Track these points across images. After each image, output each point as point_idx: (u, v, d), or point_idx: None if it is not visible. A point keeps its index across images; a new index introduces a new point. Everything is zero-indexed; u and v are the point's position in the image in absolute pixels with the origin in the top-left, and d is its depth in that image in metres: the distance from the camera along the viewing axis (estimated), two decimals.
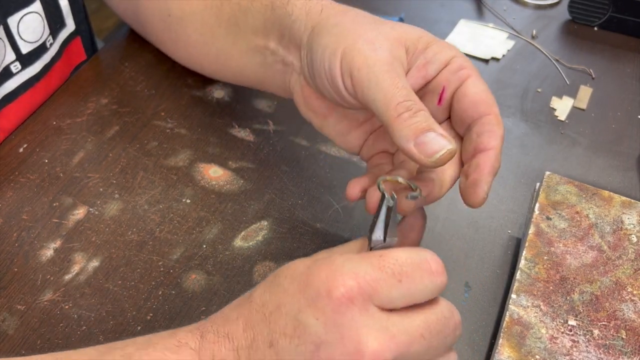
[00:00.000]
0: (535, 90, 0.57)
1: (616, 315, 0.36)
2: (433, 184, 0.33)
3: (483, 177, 0.32)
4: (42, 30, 0.49)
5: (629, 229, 0.40)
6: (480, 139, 0.33)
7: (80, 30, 0.56)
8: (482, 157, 0.32)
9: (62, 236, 0.42)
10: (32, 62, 0.50)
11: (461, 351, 0.38)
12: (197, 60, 0.50)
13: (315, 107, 0.39)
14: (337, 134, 0.40)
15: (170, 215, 0.44)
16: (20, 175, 0.46)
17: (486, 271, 0.42)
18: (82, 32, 0.57)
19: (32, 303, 0.39)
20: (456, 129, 0.35)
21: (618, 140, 0.52)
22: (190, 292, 0.40)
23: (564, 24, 0.65)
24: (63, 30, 0.53)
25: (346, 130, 0.39)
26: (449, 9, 0.67)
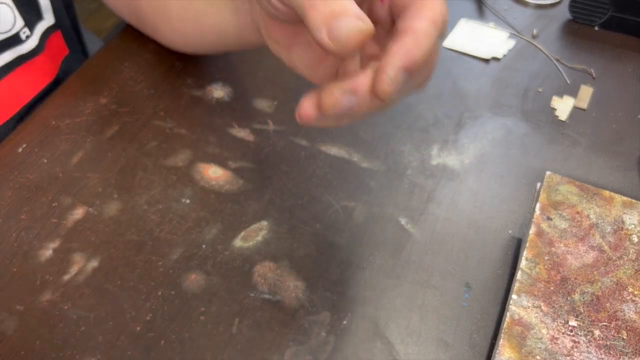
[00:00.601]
0: (535, 90, 0.57)
1: (617, 315, 0.36)
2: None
3: (386, 62, 0.27)
4: (14, 20, 0.50)
5: (630, 229, 0.40)
6: (400, 21, 0.28)
7: (61, 24, 0.56)
8: (394, 40, 0.27)
9: (61, 236, 0.42)
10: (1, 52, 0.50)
11: (462, 351, 0.38)
12: (180, 30, 0.50)
13: (278, 38, 0.37)
14: (306, 68, 0.36)
15: (170, 215, 0.44)
16: (20, 175, 0.46)
17: (487, 271, 0.42)
18: (62, 25, 0.57)
19: (31, 303, 0.39)
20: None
21: (619, 140, 0.52)
22: (189, 293, 0.40)
23: (564, 24, 0.65)
24: (41, 23, 0.54)
25: (314, 62, 0.36)
26: (450, 9, 0.66)
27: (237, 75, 0.56)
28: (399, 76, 0.27)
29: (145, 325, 0.38)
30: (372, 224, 0.45)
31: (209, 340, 0.38)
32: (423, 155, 0.50)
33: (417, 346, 0.38)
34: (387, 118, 0.53)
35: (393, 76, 0.26)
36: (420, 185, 0.48)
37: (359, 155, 0.50)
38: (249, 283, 0.41)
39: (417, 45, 0.27)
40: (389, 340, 0.38)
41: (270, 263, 0.42)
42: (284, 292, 0.40)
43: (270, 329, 0.38)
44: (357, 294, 0.40)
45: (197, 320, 0.38)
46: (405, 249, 0.43)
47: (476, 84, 0.57)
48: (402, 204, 0.46)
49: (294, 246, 0.43)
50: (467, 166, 0.49)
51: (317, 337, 0.38)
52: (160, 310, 0.39)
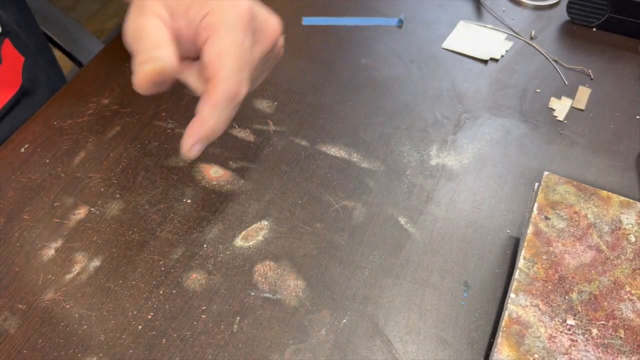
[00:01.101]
0: (534, 90, 0.57)
1: (615, 314, 0.36)
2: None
3: (186, 135, 0.34)
4: None
5: (627, 228, 0.40)
6: (199, 102, 0.34)
7: (8, 31, 0.55)
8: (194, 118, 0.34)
9: (63, 236, 0.43)
10: None
11: (460, 350, 0.38)
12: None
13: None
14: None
15: (171, 215, 0.44)
16: (22, 175, 0.46)
17: (485, 271, 0.42)
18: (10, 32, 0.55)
19: (34, 302, 0.39)
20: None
21: (617, 140, 0.52)
22: (190, 292, 0.40)
23: (562, 25, 0.65)
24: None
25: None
26: (448, 10, 0.67)
27: None
28: (196, 146, 0.35)
29: (147, 324, 0.38)
30: (372, 224, 0.45)
31: (210, 339, 0.38)
32: (422, 155, 0.50)
33: (416, 344, 0.38)
34: (386, 118, 0.53)
35: (188, 148, 0.35)
36: (420, 185, 0.48)
37: (358, 155, 0.50)
38: (249, 282, 0.41)
39: (202, 126, 0.34)
40: (388, 338, 0.39)
41: (271, 262, 0.42)
42: (284, 291, 0.41)
43: (270, 327, 0.39)
44: (356, 293, 0.41)
45: (199, 319, 0.39)
46: (404, 248, 0.43)
47: (475, 85, 0.57)
48: (402, 204, 0.46)
49: (294, 245, 0.43)
50: (465, 166, 0.50)
51: (317, 335, 0.38)
52: (162, 309, 0.39)
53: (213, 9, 0.34)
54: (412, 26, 0.64)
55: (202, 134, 0.34)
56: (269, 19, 0.37)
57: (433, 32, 0.64)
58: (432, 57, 0.60)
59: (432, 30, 0.64)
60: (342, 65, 0.59)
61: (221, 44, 0.33)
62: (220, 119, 0.34)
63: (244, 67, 0.34)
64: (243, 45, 0.34)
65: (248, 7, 0.34)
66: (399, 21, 0.64)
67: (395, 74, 0.58)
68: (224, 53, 0.33)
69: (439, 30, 0.64)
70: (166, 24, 0.35)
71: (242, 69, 0.34)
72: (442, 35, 0.63)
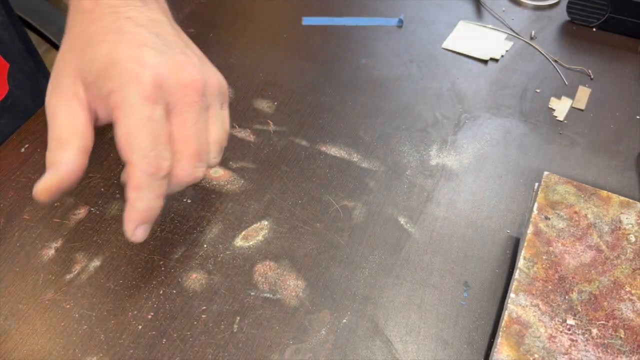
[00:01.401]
0: (534, 90, 0.57)
1: (614, 314, 0.36)
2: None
3: (125, 220, 0.33)
4: None
5: (627, 228, 0.40)
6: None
7: None
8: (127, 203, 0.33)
9: (63, 236, 0.43)
10: None
11: (460, 350, 0.38)
12: None
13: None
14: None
15: (171, 214, 0.44)
16: (22, 175, 0.46)
17: (485, 271, 0.42)
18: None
19: (34, 302, 0.39)
20: None
21: (617, 140, 0.52)
22: (191, 292, 0.40)
23: (562, 25, 0.65)
24: None
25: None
26: (448, 10, 0.67)
27: (237, 76, 0.57)
28: (138, 229, 0.33)
29: (147, 324, 0.38)
30: (372, 224, 0.45)
31: (210, 339, 0.38)
32: (422, 155, 0.50)
33: (416, 344, 0.38)
34: (386, 119, 0.53)
35: (131, 233, 0.33)
36: (420, 185, 0.48)
37: (359, 155, 0.50)
38: (249, 282, 0.41)
39: (134, 210, 0.33)
40: (388, 338, 0.39)
41: (271, 262, 0.42)
42: (284, 291, 0.41)
43: (270, 327, 0.39)
44: (356, 293, 0.41)
45: (199, 319, 0.39)
46: (404, 248, 0.44)
47: (475, 85, 0.57)
48: (402, 204, 0.46)
49: (294, 245, 0.43)
50: (465, 166, 0.50)
51: (317, 335, 0.38)
52: (162, 308, 0.39)
53: (114, 87, 0.32)
54: (412, 26, 0.64)
55: (137, 217, 0.33)
56: (180, 76, 0.33)
57: (433, 32, 0.64)
58: (432, 57, 0.60)
59: (432, 30, 0.64)
60: (342, 65, 0.59)
61: (127, 124, 0.32)
62: (149, 200, 0.33)
63: (157, 141, 0.32)
64: (152, 118, 0.32)
65: (152, 76, 0.32)
66: (399, 21, 0.64)
67: (395, 74, 0.58)
68: (131, 133, 0.32)
69: (439, 30, 0.64)
70: (82, 105, 0.33)
71: (156, 143, 0.32)
72: (442, 35, 0.63)
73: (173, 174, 0.34)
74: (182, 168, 0.34)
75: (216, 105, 0.36)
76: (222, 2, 0.66)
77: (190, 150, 0.34)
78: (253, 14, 0.65)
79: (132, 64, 0.32)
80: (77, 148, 0.33)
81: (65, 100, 0.33)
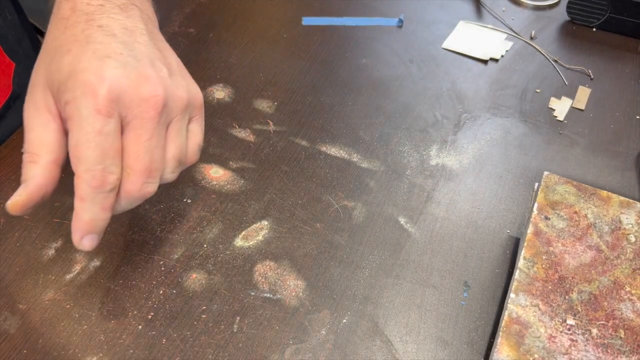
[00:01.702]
0: (534, 90, 0.57)
1: (614, 314, 0.36)
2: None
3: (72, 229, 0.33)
4: None
5: (627, 228, 0.40)
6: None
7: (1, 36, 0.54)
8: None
9: (63, 236, 0.43)
10: None
11: (460, 350, 0.38)
12: None
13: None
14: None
15: (171, 215, 0.44)
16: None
17: (485, 271, 0.42)
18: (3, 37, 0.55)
19: (34, 302, 0.39)
20: None
21: (616, 140, 0.52)
22: (190, 292, 0.40)
23: (562, 25, 0.65)
24: None
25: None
26: (448, 10, 0.67)
27: (237, 76, 0.57)
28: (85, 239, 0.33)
29: (147, 324, 0.38)
30: (372, 224, 0.45)
31: (210, 339, 0.38)
32: (422, 155, 0.50)
33: (416, 344, 0.38)
34: (386, 119, 0.53)
35: (78, 242, 0.33)
36: (420, 185, 0.48)
37: (358, 155, 0.50)
38: (249, 282, 0.41)
39: (79, 220, 0.33)
40: (388, 338, 0.39)
41: (271, 262, 0.42)
42: (284, 291, 0.41)
43: (270, 327, 0.39)
44: (356, 293, 0.41)
45: (199, 319, 0.39)
46: (404, 248, 0.44)
47: (475, 85, 0.57)
48: (402, 204, 0.46)
49: (294, 245, 0.43)
50: (465, 166, 0.50)
51: (317, 335, 0.38)
52: (162, 308, 0.39)
53: (69, 98, 0.32)
54: (412, 26, 0.64)
55: (82, 227, 0.33)
56: (140, 90, 0.33)
57: (433, 32, 0.64)
58: (432, 57, 0.60)
59: (432, 30, 0.64)
60: (342, 65, 0.59)
61: (76, 136, 0.32)
62: (94, 212, 0.33)
63: (105, 155, 0.32)
64: (101, 132, 0.31)
65: (107, 90, 0.31)
66: (399, 21, 0.64)
67: (395, 74, 0.58)
68: (79, 145, 0.31)
69: (439, 30, 0.64)
70: (54, 117, 0.33)
71: (104, 157, 0.32)
72: (442, 35, 0.63)
73: (122, 188, 0.33)
74: (132, 182, 0.33)
75: (180, 120, 0.36)
76: (222, 2, 0.66)
77: (140, 166, 0.33)
78: (253, 14, 0.65)
79: (90, 76, 0.32)
80: (45, 162, 0.33)
81: (37, 112, 0.34)
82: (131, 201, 0.34)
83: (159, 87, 0.33)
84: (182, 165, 0.37)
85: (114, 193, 0.33)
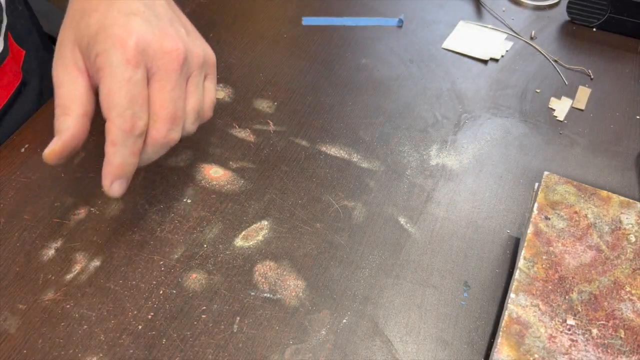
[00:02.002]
0: (534, 90, 0.57)
1: (615, 314, 0.36)
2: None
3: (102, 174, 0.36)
4: None
5: (627, 228, 0.40)
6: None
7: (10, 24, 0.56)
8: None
9: (63, 236, 0.43)
10: None
11: (460, 350, 0.38)
12: None
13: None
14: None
15: (171, 215, 0.44)
16: (22, 175, 0.46)
17: (485, 271, 0.42)
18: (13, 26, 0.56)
19: (34, 302, 0.39)
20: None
21: (617, 140, 0.52)
22: (191, 292, 0.40)
23: (562, 25, 0.65)
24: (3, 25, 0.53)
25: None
26: (448, 10, 0.67)
27: (237, 76, 0.57)
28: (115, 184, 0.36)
29: (147, 324, 0.38)
30: (372, 224, 0.45)
31: (210, 339, 0.38)
32: (422, 155, 0.50)
33: (416, 344, 0.38)
34: (386, 119, 0.53)
35: (108, 187, 0.37)
36: (420, 185, 0.48)
37: (358, 155, 0.50)
38: (249, 282, 0.41)
39: (110, 165, 0.36)
40: (388, 338, 0.39)
41: (271, 262, 0.42)
42: (284, 291, 0.41)
43: (270, 327, 0.39)
44: (356, 293, 0.41)
45: (199, 319, 0.39)
46: (404, 248, 0.44)
47: (475, 85, 0.57)
48: (402, 204, 0.46)
49: (294, 245, 0.43)
50: (465, 166, 0.50)
51: (317, 335, 0.38)
52: (162, 308, 0.39)
53: (99, 50, 0.35)
54: (412, 26, 0.64)
55: (113, 172, 0.36)
56: (163, 44, 0.36)
57: (433, 32, 0.64)
58: (432, 57, 0.60)
59: (432, 30, 0.64)
60: (342, 65, 0.59)
61: (108, 84, 0.34)
62: (124, 155, 0.35)
63: (134, 101, 0.34)
64: (131, 80, 0.34)
65: (135, 42, 0.34)
66: (399, 21, 0.64)
67: (395, 74, 0.58)
68: (111, 93, 0.34)
69: (439, 30, 0.64)
70: (82, 73, 0.36)
71: (133, 102, 0.34)
72: (442, 35, 0.63)
73: (149, 135, 0.36)
74: (158, 129, 0.36)
75: (197, 75, 0.39)
76: (222, 2, 0.66)
77: (165, 113, 0.36)
78: (253, 14, 0.65)
79: (119, 30, 0.34)
80: (77, 114, 0.36)
81: (67, 69, 0.36)
82: (157, 149, 0.37)
83: (179, 43, 0.36)
84: (200, 118, 0.40)
85: (142, 139, 0.36)
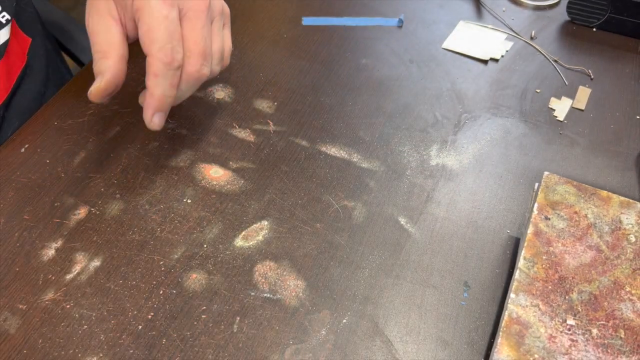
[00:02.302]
0: (534, 90, 0.57)
1: (615, 314, 0.36)
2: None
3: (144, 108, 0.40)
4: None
5: (627, 228, 0.40)
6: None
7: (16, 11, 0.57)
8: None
9: (63, 236, 0.43)
10: None
11: (460, 350, 0.38)
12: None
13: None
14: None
15: (171, 215, 0.44)
16: (22, 176, 0.46)
17: (485, 271, 0.42)
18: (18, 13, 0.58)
19: (34, 302, 0.39)
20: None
21: (616, 140, 0.52)
22: (191, 292, 0.40)
23: (562, 25, 0.65)
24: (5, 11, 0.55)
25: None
26: (448, 10, 0.67)
27: (237, 76, 0.57)
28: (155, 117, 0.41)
29: (147, 324, 0.38)
30: (372, 224, 0.45)
31: (210, 339, 0.38)
32: (422, 155, 0.50)
33: (416, 344, 0.38)
34: (386, 119, 0.53)
35: (149, 120, 0.41)
36: (420, 185, 0.48)
37: (358, 155, 0.50)
38: (249, 282, 0.41)
39: (151, 97, 0.40)
40: (388, 338, 0.39)
41: (271, 262, 0.42)
42: (284, 291, 0.41)
43: (270, 327, 0.39)
44: (356, 293, 0.41)
45: (199, 319, 0.39)
46: (404, 248, 0.44)
47: (475, 85, 0.57)
48: (402, 204, 0.46)
49: (294, 246, 0.43)
50: (465, 166, 0.50)
51: (317, 335, 0.38)
52: (162, 309, 0.39)
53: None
54: (412, 26, 0.64)
55: (154, 104, 0.39)
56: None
57: (433, 32, 0.64)
58: (432, 57, 0.60)
59: (432, 30, 0.64)
60: (342, 65, 0.59)
61: (147, 22, 0.38)
62: (165, 87, 0.39)
63: (172, 36, 0.38)
64: (168, 17, 0.38)
65: None
66: (399, 21, 0.64)
67: (395, 74, 0.58)
68: (150, 29, 0.38)
69: (439, 30, 0.64)
70: (116, 21, 0.40)
71: (171, 38, 0.38)
72: (442, 35, 0.63)
73: (184, 70, 0.40)
74: (191, 64, 0.40)
75: (218, 21, 0.44)
76: None
77: (198, 49, 0.40)
78: (253, 14, 0.65)
79: None
80: (116, 56, 0.40)
81: (102, 18, 0.40)
82: (190, 84, 0.41)
83: None
84: (222, 61, 0.45)
85: (179, 73, 0.40)
